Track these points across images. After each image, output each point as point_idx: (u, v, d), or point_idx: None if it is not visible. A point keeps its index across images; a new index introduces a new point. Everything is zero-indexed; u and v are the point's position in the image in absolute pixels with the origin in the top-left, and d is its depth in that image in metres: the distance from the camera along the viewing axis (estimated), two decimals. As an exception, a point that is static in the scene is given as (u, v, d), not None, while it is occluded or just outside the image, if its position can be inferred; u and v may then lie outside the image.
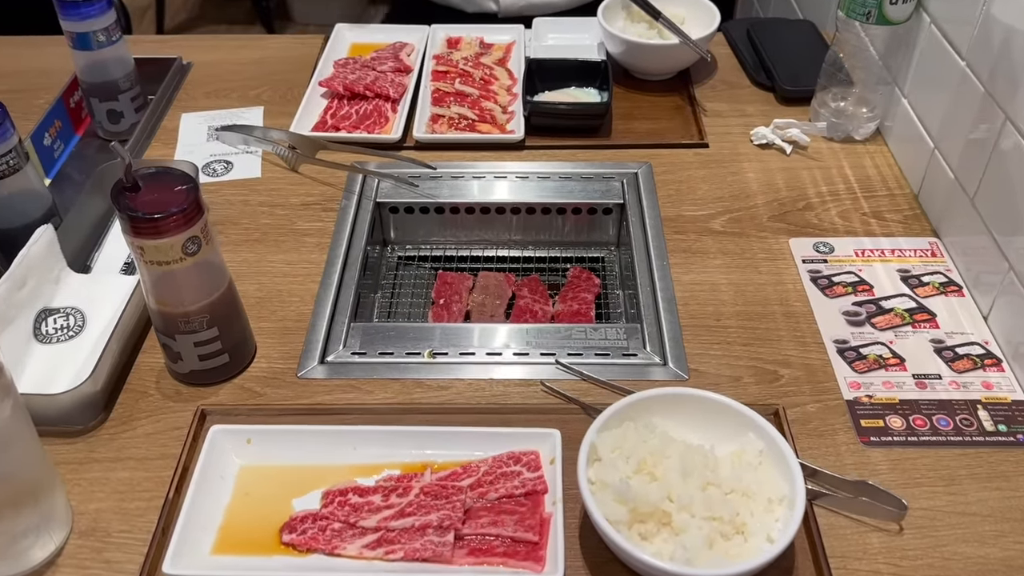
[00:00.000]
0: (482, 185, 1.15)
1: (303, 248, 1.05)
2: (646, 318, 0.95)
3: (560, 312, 1.08)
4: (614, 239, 1.18)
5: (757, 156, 1.20)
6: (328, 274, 1.01)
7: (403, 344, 0.93)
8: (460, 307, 1.08)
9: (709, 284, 0.99)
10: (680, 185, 1.14)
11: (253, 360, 0.91)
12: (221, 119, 1.27)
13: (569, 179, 1.16)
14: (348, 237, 1.06)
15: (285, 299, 0.98)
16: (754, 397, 0.87)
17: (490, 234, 1.17)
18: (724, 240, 1.05)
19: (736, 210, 1.10)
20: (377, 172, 1.16)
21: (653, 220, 1.08)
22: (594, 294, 1.10)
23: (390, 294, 1.13)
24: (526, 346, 0.92)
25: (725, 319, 0.95)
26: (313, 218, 1.09)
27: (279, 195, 1.13)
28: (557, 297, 1.11)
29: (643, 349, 0.92)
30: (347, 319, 0.96)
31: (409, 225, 1.16)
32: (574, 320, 1.06)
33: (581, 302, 1.09)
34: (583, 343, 0.93)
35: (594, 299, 1.09)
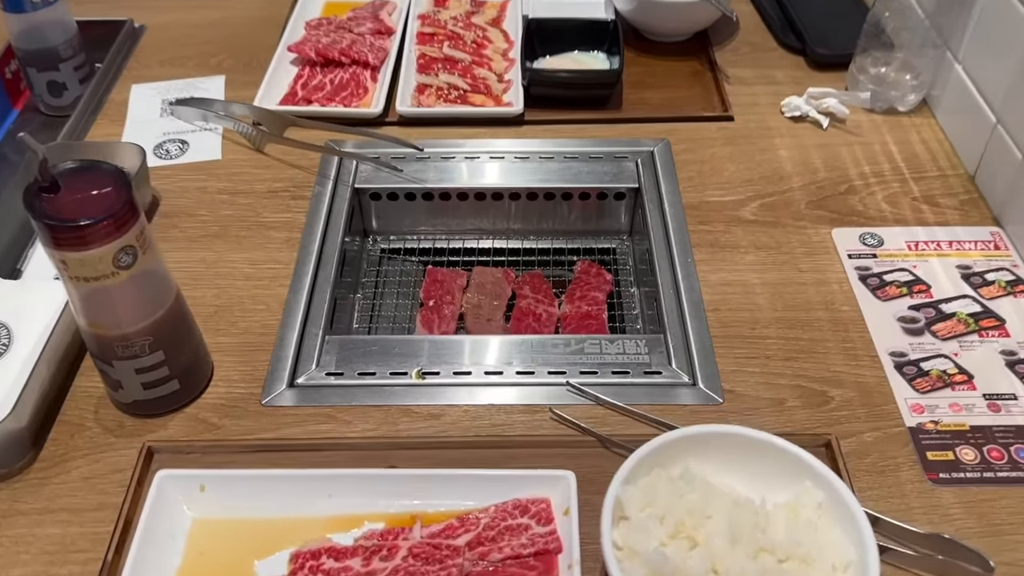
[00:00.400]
0: (476, 167, 1.01)
1: (270, 244, 0.91)
2: (670, 327, 0.82)
3: (567, 314, 0.95)
4: (626, 227, 1.04)
5: (790, 131, 1.06)
6: (299, 275, 0.87)
7: (387, 362, 0.80)
8: (452, 309, 0.95)
9: (741, 285, 0.86)
10: (703, 166, 1.00)
11: (209, 384, 0.78)
12: (176, 91, 1.13)
13: (575, 159, 1.02)
14: (322, 230, 0.93)
15: (248, 308, 0.85)
16: (801, 425, 0.74)
17: (485, 223, 1.04)
18: (756, 231, 0.92)
19: (769, 195, 0.97)
20: (355, 154, 1.02)
21: (674, 208, 0.94)
22: (606, 292, 0.97)
23: (372, 294, 0.99)
24: (531, 363, 0.79)
25: (762, 328, 0.82)
26: (281, 208, 0.95)
27: (242, 180, 0.99)
28: (564, 296, 0.98)
29: (668, 366, 0.79)
30: (321, 331, 0.82)
31: (393, 213, 1.02)
32: (584, 323, 0.93)
33: (591, 302, 0.96)
34: (597, 359, 0.80)
35: (606, 298, 0.96)
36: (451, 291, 0.97)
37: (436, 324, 0.94)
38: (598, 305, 0.96)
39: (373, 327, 0.96)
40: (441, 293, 0.97)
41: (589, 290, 0.97)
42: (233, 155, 1.03)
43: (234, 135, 1.05)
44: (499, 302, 0.97)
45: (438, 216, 1.03)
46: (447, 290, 0.97)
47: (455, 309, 0.96)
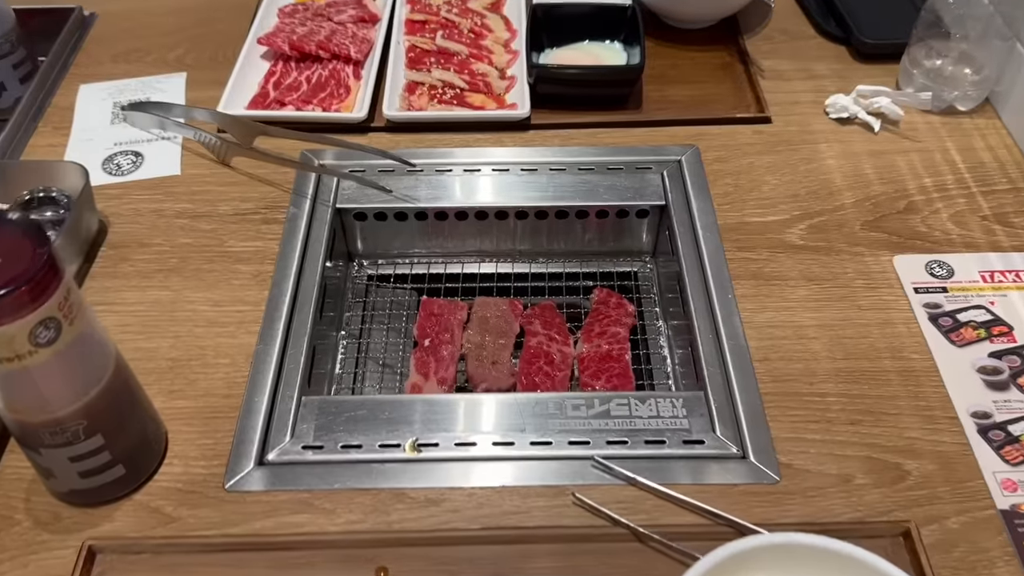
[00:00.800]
0: (475, 182, 0.88)
1: (236, 280, 0.78)
2: (711, 382, 0.70)
3: (585, 355, 0.82)
4: (649, 247, 0.92)
5: (836, 135, 0.93)
6: (270, 320, 0.75)
7: (375, 429, 0.67)
8: (451, 349, 0.83)
9: (793, 327, 0.74)
10: (739, 178, 0.88)
11: (162, 463, 0.66)
12: (130, 92, 0.99)
13: (590, 171, 0.89)
14: (298, 261, 0.80)
15: (210, 362, 0.72)
16: (873, 508, 0.62)
17: (488, 244, 0.91)
18: (806, 259, 0.80)
19: (817, 214, 0.84)
20: (336, 167, 0.89)
21: (708, 232, 0.82)
22: (628, 327, 0.85)
23: (358, 331, 0.87)
24: (547, 430, 0.67)
25: (821, 382, 0.70)
26: (250, 234, 0.82)
27: (204, 201, 0.86)
28: (580, 333, 0.85)
29: (711, 433, 0.67)
30: (296, 391, 0.70)
31: (382, 235, 0.90)
32: (604, 366, 0.81)
33: (612, 339, 0.83)
34: (627, 423, 0.68)
35: (628, 333, 0.84)
36: (449, 327, 0.85)
37: (433, 368, 0.81)
38: (620, 343, 0.83)
39: (360, 372, 0.83)
40: (438, 330, 0.84)
41: (609, 324, 0.85)
42: (194, 170, 0.90)
43: (195, 146, 0.91)
44: (505, 340, 0.84)
45: (433, 237, 0.90)
46: (445, 326, 0.85)
47: (454, 349, 0.83)
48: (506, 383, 0.80)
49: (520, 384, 0.80)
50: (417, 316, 0.86)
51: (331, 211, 0.85)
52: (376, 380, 0.83)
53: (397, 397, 0.71)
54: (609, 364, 0.82)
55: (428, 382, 0.80)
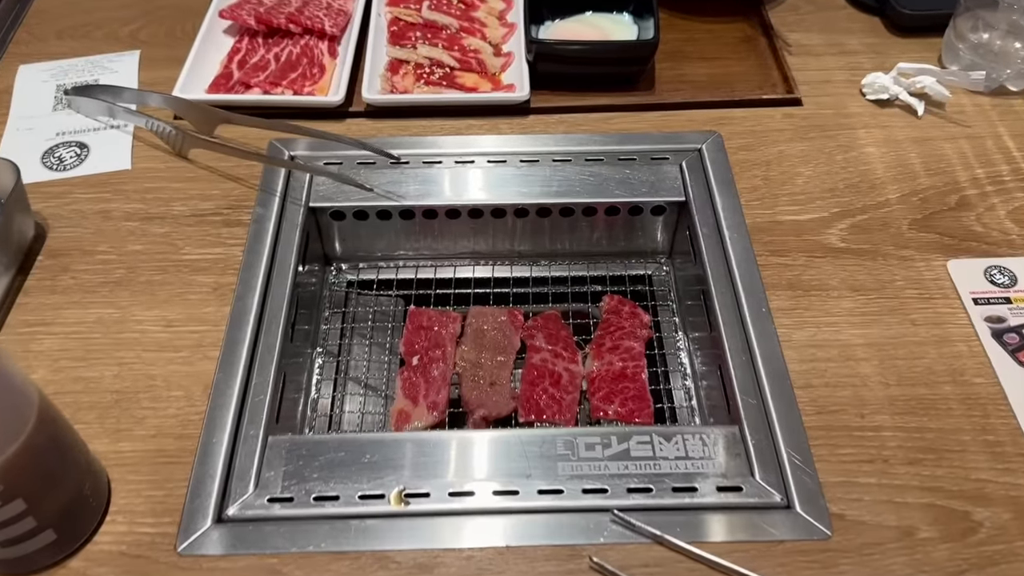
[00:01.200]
0: (469, 175, 0.78)
1: (193, 294, 0.68)
2: (746, 411, 0.61)
3: (595, 373, 0.73)
4: (664, 246, 0.82)
5: (875, 119, 0.83)
6: (232, 343, 0.65)
7: (355, 477, 0.58)
8: (443, 369, 0.73)
9: (838, 347, 0.65)
10: (768, 169, 0.78)
11: (104, 520, 0.56)
12: (77, 73, 0.88)
13: (599, 162, 0.79)
14: (266, 270, 0.70)
15: (161, 395, 0.62)
16: (942, 568, 0.54)
17: (483, 245, 0.81)
18: (849, 265, 0.70)
19: (859, 211, 0.74)
20: (308, 160, 0.78)
21: (736, 233, 0.72)
22: (643, 340, 0.75)
23: (336, 348, 0.77)
24: (557, 475, 0.58)
25: (873, 413, 0.61)
26: (210, 239, 0.72)
27: (158, 200, 0.75)
28: (589, 347, 0.75)
29: (750, 477, 0.57)
30: (262, 429, 0.60)
31: (363, 236, 0.79)
32: (618, 387, 0.72)
33: (625, 355, 0.74)
34: (650, 466, 0.58)
35: (644, 347, 0.74)
36: (441, 342, 0.75)
37: (423, 391, 0.71)
38: (635, 359, 0.73)
39: (339, 395, 0.73)
40: (428, 346, 0.74)
41: (622, 337, 0.75)
42: (147, 163, 0.79)
43: (148, 136, 0.81)
44: (504, 357, 0.75)
45: (421, 238, 0.80)
46: (435, 341, 0.75)
47: (446, 369, 0.73)
48: (506, 408, 0.71)
49: (522, 410, 0.70)
50: (404, 329, 0.76)
51: (303, 210, 0.75)
52: (358, 405, 0.73)
53: (380, 436, 0.61)
54: (623, 384, 0.72)
55: (417, 408, 0.71)
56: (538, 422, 0.70)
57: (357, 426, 0.71)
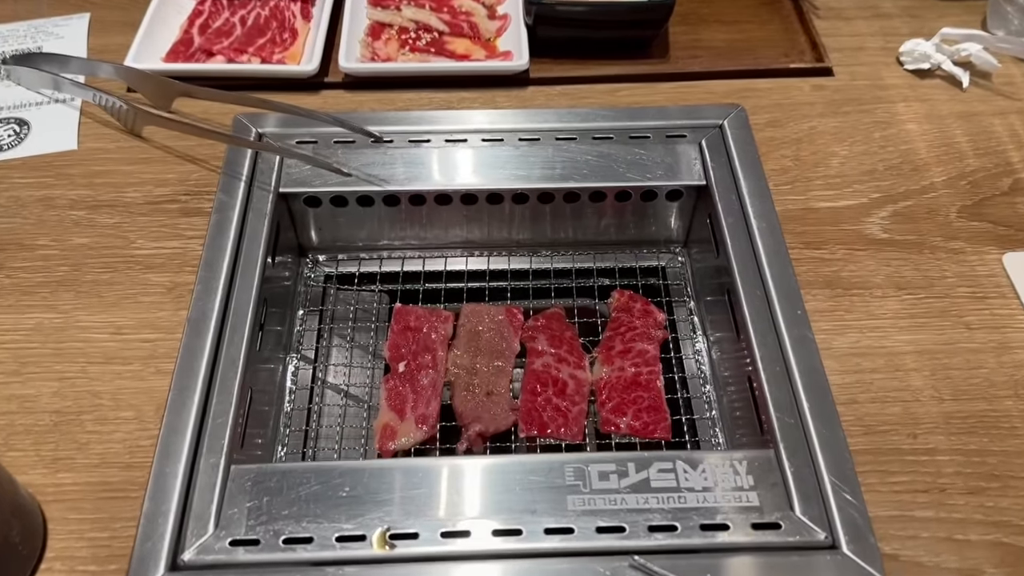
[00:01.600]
0: (461, 156, 0.69)
1: (146, 295, 0.60)
2: (782, 432, 0.53)
3: (604, 381, 0.65)
4: (680, 235, 0.74)
5: (915, 91, 0.75)
6: (190, 354, 0.56)
7: (331, 513, 0.50)
8: (434, 376, 0.65)
9: (884, 356, 0.57)
10: (799, 149, 0.69)
11: (37, 568, 0.48)
12: (17, 40, 0.79)
13: (608, 140, 0.70)
14: (229, 266, 0.61)
15: (107, 415, 0.54)
16: (1016, 621, 0.46)
17: (477, 233, 0.73)
18: (893, 259, 0.62)
19: (902, 196, 0.66)
20: (277, 139, 0.69)
21: (764, 221, 0.64)
22: (658, 341, 0.67)
23: (312, 351, 0.68)
24: (565, 511, 0.50)
25: (927, 433, 0.54)
26: (166, 231, 0.64)
27: (107, 186, 0.67)
28: (597, 350, 0.68)
29: (788, 511, 0.50)
30: (223, 457, 0.52)
31: (342, 224, 0.71)
32: (630, 396, 0.64)
33: (638, 359, 0.66)
34: (674, 499, 0.51)
35: (659, 350, 0.66)
36: (430, 345, 0.67)
37: (410, 403, 0.64)
38: (649, 365, 0.66)
39: (315, 407, 0.65)
40: (416, 349, 0.67)
41: (634, 339, 0.67)
42: (95, 143, 0.70)
43: (98, 112, 0.72)
44: (503, 362, 0.67)
45: (408, 226, 0.72)
46: (424, 344, 0.67)
47: (437, 376, 0.65)
48: (505, 423, 0.63)
49: (523, 424, 0.63)
50: (388, 330, 0.68)
51: (273, 196, 0.66)
52: (337, 419, 0.65)
53: (360, 465, 0.53)
54: (636, 393, 0.64)
55: (404, 422, 0.63)
56: (541, 437, 0.63)
57: (336, 444, 0.64)
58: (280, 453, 0.62)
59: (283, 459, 0.62)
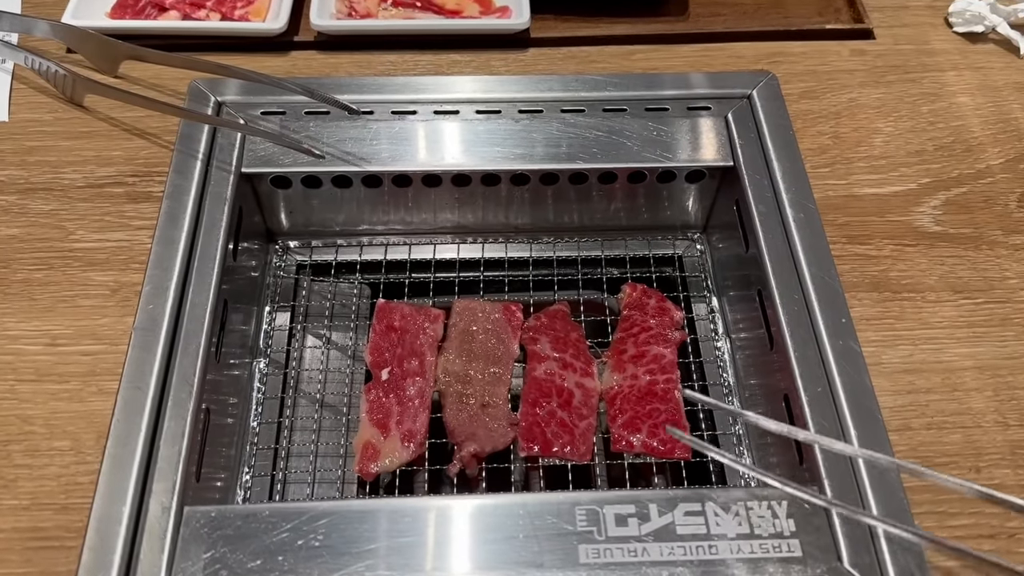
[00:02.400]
0: (452, 130, 0.61)
1: (86, 298, 0.52)
2: (827, 471, 0.46)
3: (615, 391, 0.59)
4: (699, 220, 0.66)
5: (966, 58, 0.67)
6: (138, 366, 0.49)
7: (302, 567, 0.44)
8: (422, 385, 0.58)
9: (941, 372, 0.50)
10: (839, 123, 0.62)
11: (-49, 638, 0.41)
12: (-62, -13, 0.69)
13: (621, 113, 0.63)
14: (183, 262, 0.54)
15: (39, 445, 0.47)
16: None
17: (471, 217, 0.65)
18: (947, 255, 0.55)
19: (955, 181, 0.59)
20: (241, 121, 0.61)
21: (800, 210, 0.57)
22: (676, 344, 0.60)
23: (283, 355, 0.61)
24: (576, 566, 0.43)
25: (991, 466, 0.48)
26: (111, 219, 0.56)
27: (42, 165, 0.59)
28: (606, 353, 0.61)
29: (836, 563, 0.44)
30: (175, 496, 0.45)
31: (316, 206, 0.63)
32: (644, 408, 0.58)
33: (653, 365, 0.59)
34: (703, 549, 0.44)
35: (676, 355, 0.60)
36: (418, 349, 0.60)
37: (395, 417, 0.57)
38: (666, 371, 0.59)
39: (287, 421, 0.58)
40: (402, 353, 0.59)
41: (648, 341, 0.60)
42: (28, 114, 0.62)
43: (32, 77, 0.63)
44: (500, 368, 0.60)
45: (391, 209, 0.64)
46: (411, 348, 0.60)
47: (425, 385, 0.58)
48: (503, 440, 0.57)
49: (523, 441, 0.56)
50: (370, 330, 0.60)
51: (234, 178, 0.58)
52: (311, 436, 0.58)
53: (336, 507, 0.46)
54: (652, 406, 0.58)
55: (388, 440, 0.56)
56: (544, 456, 0.56)
57: (310, 464, 0.57)
58: (245, 477, 0.55)
59: (248, 483, 0.55)
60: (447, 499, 0.46)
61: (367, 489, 0.57)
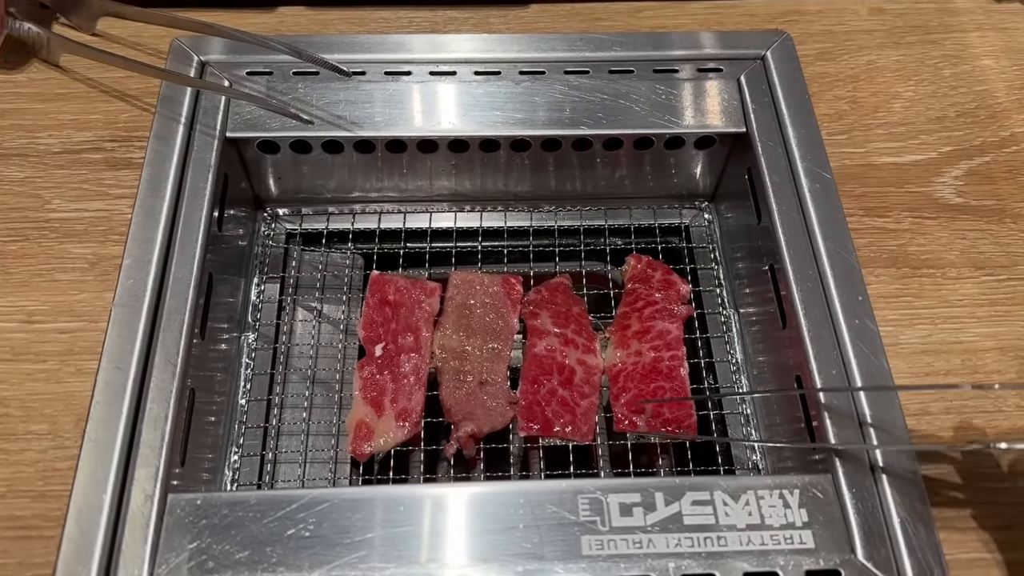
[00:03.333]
0: (449, 92, 0.59)
1: (63, 272, 0.50)
2: (843, 463, 0.45)
3: (618, 367, 0.57)
4: (707, 188, 0.64)
5: (990, 17, 0.65)
6: (119, 344, 0.47)
7: (292, 558, 0.42)
8: (417, 361, 0.56)
9: (961, 354, 0.49)
10: (856, 87, 0.59)
11: (-76, 633, 0.39)
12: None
13: (627, 75, 0.60)
14: (165, 232, 0.52)
15: (15, 429, 0.46)
16: None
17: (468, 184, 0.63)
18: (969, 228, 0.53)
19: (976, 150, 0.57)
20: (221, 80, 0.58)
21: (815, 180, 0.54)
22: (681, 319, 0.58)
23: (273, 328, 0.59)
24: (578, 557, 0.42)
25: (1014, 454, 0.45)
26: (89, 187, 0.54)
27: (15, 130, 0.57)
28: (609, 329, 0.59)
29: (850, 555, 0.42)
30: (158, 482, 0.43)
31: (306, 172, 0.61)
32: (648, 385, 0.56)
33: (658, 341, 0.57)
34: (712, 540, 0.43)
35: (682, 330, 0.58)
36: (413, 324, 0.58)
37: (389, 395, 0.55)
38: (671, 348, 0.57)
39: (276, 399, 0.56)
40: (396, 328, 0.57)
41: (654, 316, 0.59)
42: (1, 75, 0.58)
43: (1, 32, 0.60)
44: (498, 344, 0.58)
45: (385, 176, 0.62)
46: (406, 322, 0.58)
47: (421, 361, 0.56)
48: (502, 420, 0.55)
49: (523, 420, 0.54)
50: (363, 303, 0.58)
51: (219, 143, 0.56)
52: (300, 414, 0.56)
53: (327, 494, 0.44)
54: (657, 384, 0.56)
55: (382, 418, 0.54)
56: (544, 436, 0.54)
57: (301, 444, 0.55)
58: (234, 457, 0.53)
59: (237, 464, 0.53)
60: (444, 487, 0.45)
61: (360, 470, 0.55)
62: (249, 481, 0.53)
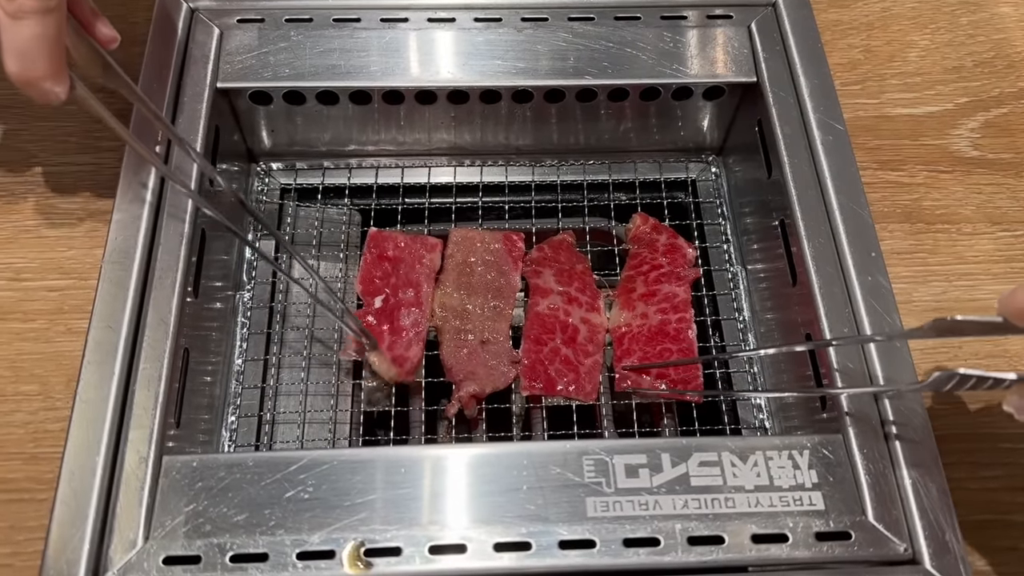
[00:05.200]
0: (448, 41, 0.57)
1: (51, 228, 0.50)
2: (853, 420, 0.44)
3: (623, 329, 0.56)
4: (715, 141, 0.63)
5: (1012, -38, 0.62)
6: (110, 301, 0.46)
7: (292, 521, 0.41)
8: (417, 317, 0.56)
9: (975, 310, 0.49)
10: (870, 36, 0.58)
11: (-84, 597, 0.39)
12: None
13: (634, 21, 0.58)
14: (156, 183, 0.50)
15: (3, 390, 0.46)
16: None
17: (468, 137, 0.62)
18: (985, 183, 0.52)
19: (993, 101, 0.56)
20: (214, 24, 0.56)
21: (828, 132, 0.53)
22: (688, 281, 0.57)
23: (269, 284, 0.58)
24: (583, 518, 0.41)
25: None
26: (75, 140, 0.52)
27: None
28: (615, 291, 0.58)
29: (861, 516, 0.42)
30: (152, 444, 0.43)
31: (300, 124, 0.59)
32: (655, 348, 0.55)
33: (665, 303, 0.57)
34: (720, 502, 0.42)
35: (689, 292, 0.57)
36: (414, 279, 0.57)
37: (386, 342, 0.54)
38: (678, 310, 0.56)
39: (274, 358, 0.56)
40: (396, 283, 0.57)
41: (660, 279, 0.58)
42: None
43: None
44: (500, 303, 0.57)
45: (383, 128, 0.60)
46: (406, 277, 0.57)
47: (421, 316, 0.55)
48: (504, 380, 0.54)
49: (525, 380, 0.54)
50: (362, 258, 0.57)
51: (210, 93, 0.54)
52: (297, 374, 0.55)
53: (327, 456, 0.43)
54: (663, 345, 0.55)
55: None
56: (547, 395, 0.54)
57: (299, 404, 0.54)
58: (231, 418, 0.53)
59: (234, 425, 0.53)
60: (445, 448, 0.44)
61: (361, 431, 0.54)
62: (247, 442, 0.53)
